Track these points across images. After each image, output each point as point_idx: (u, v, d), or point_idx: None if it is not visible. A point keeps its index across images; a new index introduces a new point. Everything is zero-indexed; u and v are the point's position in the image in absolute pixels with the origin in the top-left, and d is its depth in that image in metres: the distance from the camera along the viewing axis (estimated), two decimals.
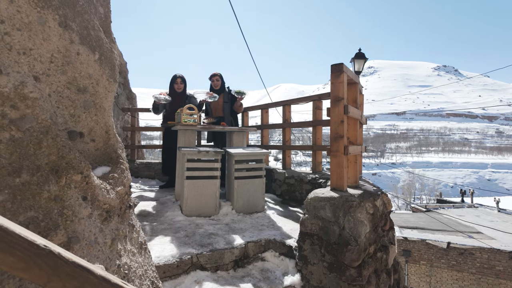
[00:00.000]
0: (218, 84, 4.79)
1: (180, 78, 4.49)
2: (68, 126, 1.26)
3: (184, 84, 4.54)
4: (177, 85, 4.48)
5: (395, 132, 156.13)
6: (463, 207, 18.03)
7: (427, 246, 11.61)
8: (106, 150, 1.42)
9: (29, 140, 1.02)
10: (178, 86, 4.48)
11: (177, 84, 4.48)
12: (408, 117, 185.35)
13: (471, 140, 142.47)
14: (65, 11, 1.24)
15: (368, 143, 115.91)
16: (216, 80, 4.81)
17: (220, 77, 4.86)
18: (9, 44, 1.06)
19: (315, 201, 2.30)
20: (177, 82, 4.48)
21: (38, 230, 0.95)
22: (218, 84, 4.79)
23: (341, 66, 2.44)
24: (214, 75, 4.87)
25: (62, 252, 0.61)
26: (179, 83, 4.49)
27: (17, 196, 0.95)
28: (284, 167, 4.60)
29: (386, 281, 2.57)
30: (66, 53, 1.26)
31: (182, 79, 4.51)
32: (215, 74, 4.87)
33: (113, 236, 1.23)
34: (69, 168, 1.09)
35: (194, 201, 3.04)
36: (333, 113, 2.45)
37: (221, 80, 4.85)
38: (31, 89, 1.07)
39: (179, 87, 4.48)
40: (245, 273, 2.30)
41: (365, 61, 8.55)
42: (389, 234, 2.90)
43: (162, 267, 2.01)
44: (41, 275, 0.59)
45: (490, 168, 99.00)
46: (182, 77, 4.52)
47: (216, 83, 4.80)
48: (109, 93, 1.46)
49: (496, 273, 10.55)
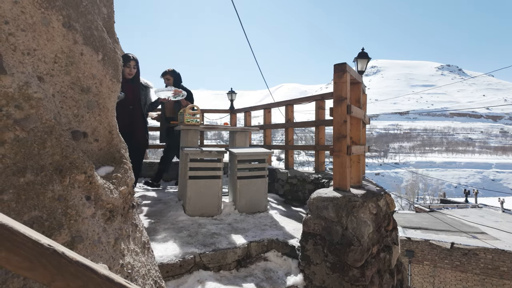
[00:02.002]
0: (170, 83, 4.22)
1: (135, 60, 3.44)
2: (71, 126, 1.27)
3: (138, 70, 3.49)
4: (129, 69, 3.41)
5: (399, 132, 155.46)
6: (467, 207, 17.92)
7: (431, 246, 11.56)
8: (109, 150, 1.43)
9: (33, 140, 1.02)
10: (131, 70, 3.42)
11: (129, 67, 3.40)
12: (411, 117, 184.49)
13: (475, 140, 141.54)
14: (69, 12, 1.25)
15: (371, 143, 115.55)
16: (167, 79, 4.23)
17: (172, 74, 4.24)
18: (13, 45, 1.07)
19: (318, 201, 2.29)
20: (130, 65, 3.40)
21: (42, 230, 0.96)
22: (170, 83, 4.23)
23: (344, 65, 2.43)
24: (165, 73, 4.26)
25: (66, 252, 0.62)
26: (132, 66, 3.43)
27: (22, 196, 0.96)
28: (286, 167, 4.60)
29: (389, 282, 2.56)
30: (70, 54, 1.26)
31: (137, 62, 3.48)
32: (166, 72, 4.26)
33: (116, 236, 1.23)
34: (72, 168, 1.10)
35: (196, 201, 3.05)
36: (336, 113, 2.45)
37: (174, 77, 4.27)
38: (35, 89, 1.07)
39: (130, 72, 3.42)
40: (248, 273, 2.30)
41: (368, 60, 8.51)
42: (392, 235, 2.89)
43: (165, 267, 2.01)
44: (46, 274, 0.59)
45: (495, 168, 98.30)
46: (136, 59, 3.48)
47: (167, 82, 4.23)
48: (112, 93, 1.47)
49: (500, 273, 10.48)
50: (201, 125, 3.73)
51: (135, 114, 3.39)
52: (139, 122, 3.40)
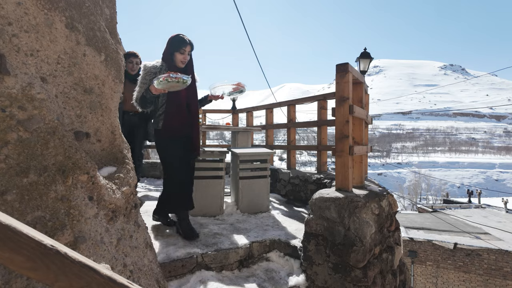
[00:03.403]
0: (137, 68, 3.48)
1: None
2: (74, 126, 1.28)
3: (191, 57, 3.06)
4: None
5: (401, 132, 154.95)
6: (470, 208, 17.82)
7: (434, 246, 11.51)
8: (112, 150, 1.43)
9: (36, 141, 1.03)
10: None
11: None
12: (414, 117, 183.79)
13: (478, 140, 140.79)
14: (72, 13, 1.25)
15: (374, 142, 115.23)
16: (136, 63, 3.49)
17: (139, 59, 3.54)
18: (17, 46, 1.08)
19: (320, 202, 2.29)
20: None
21: (45, 230, 0.97)
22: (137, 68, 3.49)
23: (346, 65, 2.42)
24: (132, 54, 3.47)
25: (68, 252, 0.62)
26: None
27: (25, 196, 0.96)
28: (289, 167, 4.60)
29: (392, 282, 2.55)
30: (73, 54, 1.27)
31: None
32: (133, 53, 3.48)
33: (118, 236, 1.24)
34: (75, 168, 1.10)
35: (199, 201, 3.05)
36: (338, 113, 2.44)
37: None
38: (38, 90, 1.08)
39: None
40: (250, 273, 2.30)
41: (371, 60, 8.49)
42: (395, 235, 2.88)
43: (167, 267, 2.01)
44: (49, 275, 0.60)
45: (498, 168, 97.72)
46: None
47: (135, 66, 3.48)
48: (114, 93, 1.47)
49: (504, 274, 10.42)
50: (203, 125, 3.73)
51: (193, 115, 2.54)
52: (197, 126, 2.58)
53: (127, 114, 3.49)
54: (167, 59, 2.42)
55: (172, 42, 2.39)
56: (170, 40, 2.42)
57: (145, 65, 2.42)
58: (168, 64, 2.41)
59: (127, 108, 3.46)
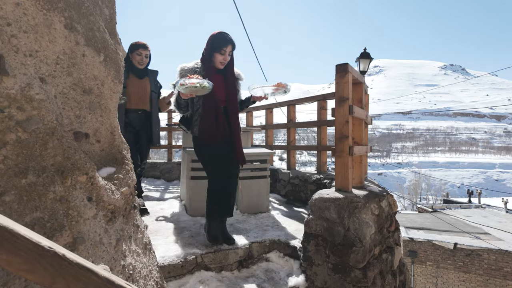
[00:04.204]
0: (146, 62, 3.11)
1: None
2: (73, 127, 1.28)
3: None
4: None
5: (401, 132, 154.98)
6: (470, 208, 17.82)
7: (434, 247, 11.51)
8: (111, 151, 1.43)
9: (35, 142, 1.03)
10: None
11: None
12: (414, 117, 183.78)
13: (478, 140, 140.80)
14: (71, 13, 1.25)
15: (374, 142, 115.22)
16: (146, 55, 3.06)
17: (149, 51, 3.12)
18: (15, 46, 1.08)
19: (319, 202, 2.29)
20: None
21: (43, 231, 0.96)
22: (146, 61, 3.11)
23: (346, 66, 2.42)
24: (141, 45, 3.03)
25: (66, 254, 0.62)
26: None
27: (23, 197, 0.96)
28: (288, 167, 4.60)
29: (392, 283, 2.55)
30: (72, 55, 1.27)
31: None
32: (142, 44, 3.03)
33: (118, 237, 1.24)
34: (74, 169, 1.10)
35: (198, 201, 3.05)
36: (338, 113, 2.44)
37: None
38: (37, 90, 1.08)
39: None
40: (250, 273, 2.30)
41: (370, 60, 8.50)
42: (395, 235, 2.88)
43: (166, 267, 2.01)
44: (46, 276, 0.60)
45: (498, 168, 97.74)
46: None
47: (144, 60, 3.07)
48: (114, 94, 1.47)
49: (504, 274, 10.42)
50: None
51: (231, 119, 2.32)
52: (237, 131, 2.34)
53: (132, 113, 3.07)
54: (206, 60, 2.23)
55: (211, 42, 2.20)
56: (210, 39, 2.22)
57: (182, 68, 2.26)
58: (205, 66, 2.21)
59: (132, 106, 3.05)
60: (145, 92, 3.10)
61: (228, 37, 2.19)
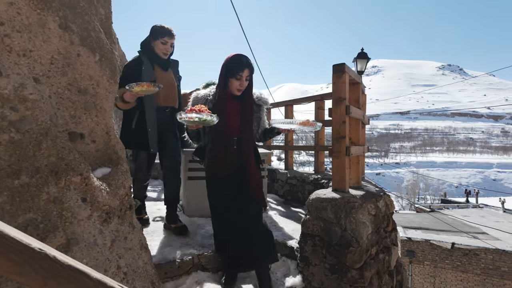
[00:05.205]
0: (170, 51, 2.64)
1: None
2: (68, 127, 1.27)
3: (250, 82, 2.13)
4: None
5: (399, 132, 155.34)
6: (468, 208, 17.89)
7: (431, 246, 11.54)
8: (106, 151, 1.42)
9: (28, 142, 1.02)
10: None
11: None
12: (412, 117, 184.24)
13: (476, 140, 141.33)
14: (66, 13, 1.24)
15: (372, 142, 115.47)
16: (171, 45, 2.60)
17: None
18: (9, 46, 1.07)
19: (316, 202, 2.29)
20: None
21: (37, 232, 0.96)
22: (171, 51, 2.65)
23: (343, 66, 2.42)
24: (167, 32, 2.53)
25: (57, 256, 0.61)
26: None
27: (16, 198, 0.95)
28: (286, 168, 4.59)
29: (389, 283, 2.55)
30: (67, 55, 1.26)
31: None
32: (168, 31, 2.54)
33: (112, 238, 1.23)
34: (68, 169, 1.10)
35: (195, 202, 3.04)
36: (335, 113, 2.44)
37: None
38: (31, 90, 1.07)
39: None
40: (246, 274, 2.30)
41: (368, 61, 8.51)
42: (392, 236, 2.88)
43: (163, 268, 2.01)
44: (37, 279, 0.59)
45: (496, 168, 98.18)
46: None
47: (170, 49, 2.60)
48: (109, 94, 1.46)
49: (501, 274, 10.46)
50: None
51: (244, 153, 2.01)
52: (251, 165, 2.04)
53: (160, 111, 2.59)
54: (221, 86, 1.97)
55: (226, 66, 1.93)
56: (224, 63, 1.96)
57: (195, 96, 2.01)
58: (220, 92, 1.96)
59: (160, 103, 2.60)
60: (172, 87, 2.66)
61: (244, 60, 1.93)
